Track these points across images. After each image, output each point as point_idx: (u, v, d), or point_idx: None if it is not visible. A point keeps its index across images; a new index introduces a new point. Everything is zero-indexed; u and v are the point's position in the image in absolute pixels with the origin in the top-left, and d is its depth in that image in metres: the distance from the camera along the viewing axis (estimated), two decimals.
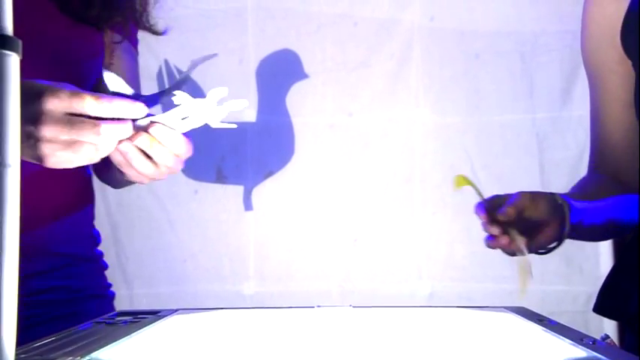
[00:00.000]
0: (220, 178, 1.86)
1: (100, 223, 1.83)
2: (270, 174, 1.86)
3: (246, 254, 1.86)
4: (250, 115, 1.86)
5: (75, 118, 0.60)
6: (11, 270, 0.42)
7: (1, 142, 0.45)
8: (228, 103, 0.66)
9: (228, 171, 1.86)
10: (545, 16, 1.83)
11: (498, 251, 1.90)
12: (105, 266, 0.99)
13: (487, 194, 1.54)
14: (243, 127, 1.85)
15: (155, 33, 0.90)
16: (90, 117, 0.61)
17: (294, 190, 1.87)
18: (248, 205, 1.86)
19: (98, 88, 0.84)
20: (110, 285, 1.00)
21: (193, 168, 1.86)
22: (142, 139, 0.64)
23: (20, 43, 0.47)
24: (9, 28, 0.46)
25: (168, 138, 0.65)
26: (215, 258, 1.86)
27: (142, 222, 1.85)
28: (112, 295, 0.98)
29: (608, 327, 1.68)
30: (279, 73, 1.87)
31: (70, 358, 0.49)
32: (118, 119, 0.62)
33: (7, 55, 0.45)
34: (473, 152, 1.86)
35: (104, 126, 0.61)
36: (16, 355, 0.42)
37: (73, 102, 0.60)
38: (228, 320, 0.68)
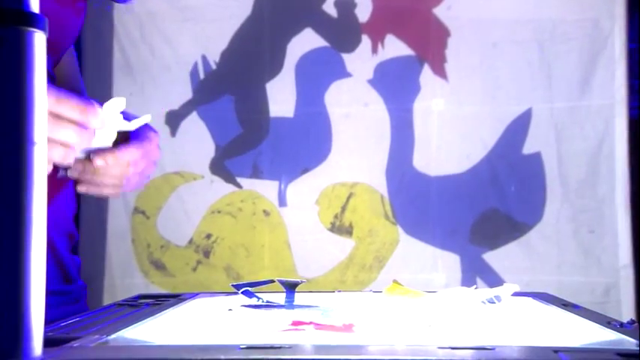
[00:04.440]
0: (256, 173, 1.86)
1: (118, 213, 1.86)
2: (305, 170, 1.86)
3: (261, 244, 1.86)
4: (288, 110, 1.86)
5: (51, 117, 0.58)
6: (39, 246, 0.43)
7: (28, 120, 0.45)
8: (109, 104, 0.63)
9: (264, 166, 1.86)
10: (564, 4, 1.81)
11: (515, 243, 1.90)
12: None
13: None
14: (280, 122, 1.85)
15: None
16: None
17: (308, 179, 1.86)
18: (282, 201, 1.85)
19: None
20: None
21: (231, 162, 1.87)
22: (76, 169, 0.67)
23: (47, 20, 0.47)
24: (35, 6, 0.46)
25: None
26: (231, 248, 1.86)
27: (167, 219, 1.86)
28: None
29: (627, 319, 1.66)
30: (320, 70, 1.86)
31: (97, 336, 0.50)
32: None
33: (34, 32, 0.45)
34: (489, 142, 1.84)
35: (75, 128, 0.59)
36: (45, 333, 0.42)
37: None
38: (250, 303, 0.68)
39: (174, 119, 1.87)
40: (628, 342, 0.50)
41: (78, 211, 1.93)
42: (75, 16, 0.80)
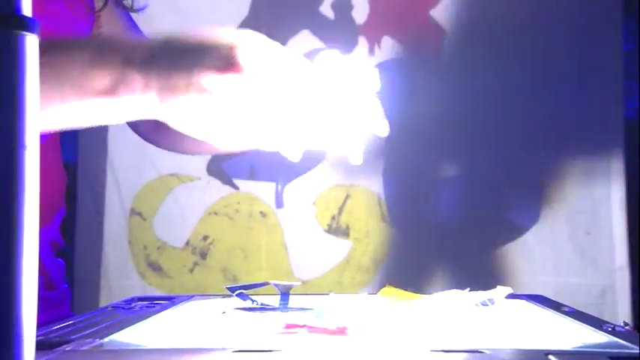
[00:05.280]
0: (253, 174, 1.86)
1: (114, 214, 1.85)
2: (303, 172, 1.86)
3: (257, 246, 1.86)
4: None
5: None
6: (30, 249, 0.43)
7: (20, 124, 0.44)
8: None
9: (261, 168, 1.86)
10: (560, 6, 1.82)
11: (511, 245, 1.89)
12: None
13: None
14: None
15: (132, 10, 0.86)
16: None
17: (305, 181, 1.86)
18: (279, 203, 1.85)
19: None
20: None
21: (228, 164, 1.87)
22: None
23: (39, 24, 0.46)
24: (27, 9, 0.46)
25: None
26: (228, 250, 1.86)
27: (163, 220, 1.86)
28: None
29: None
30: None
31: (89, 339, 0.50)
32: None
33: (25, 36, 0.45)
34: (487, 144, 1.84)
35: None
36: (37, 336, 0.42)
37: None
38: (244, 305, 0.68)
39: None
40: (620, 345, 0.51)
41: (74, 213, 1.93)
42: (86, 27, 0.81)
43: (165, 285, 1.84)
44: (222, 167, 1.88)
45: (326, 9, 1.88)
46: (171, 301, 0.72)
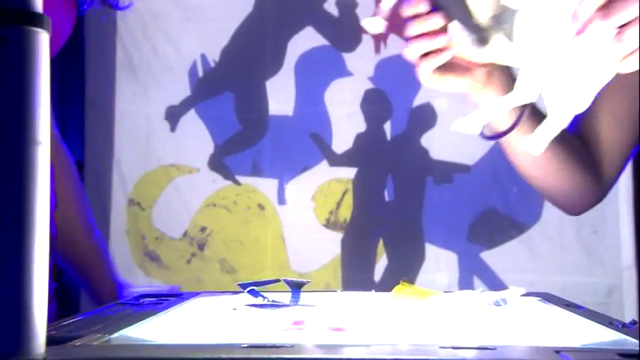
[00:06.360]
0: (255, 170, 1.86)
1: (120, 211, 1.86)
2: (305, 168, 1.86)
3: (255, 238, 1.86)
4: (288, 108, 1.86)
5: None
6: (42, 244, 0.43)
7: (33, 120, 0.45)
8: None
9: (264, 164, 1.86)
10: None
11: (516, 243, 1.89)
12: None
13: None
14: (280, 120, 1.85)
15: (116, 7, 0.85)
16: None
17: (307, 177, 1.86)
18: (282, 199, 1.86)
19: None
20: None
21: (230, 159, 1.87)
22: None
23: (50, 20, 0.47)
24: (39, 6, 0.46)
25: None
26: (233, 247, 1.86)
27: (162, 211, 1.87)
28: None
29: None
30: (320, 69, 1.86)
31: (99, 334, 0.50)
32: None
33: (37, 32, 0.45)
34: (491, 142, 1.84)
35: None
36: (47, 331, 0.42)
37: None
38: (251, 301, 0.68)
39: (173, 117, 1.88)
40: (629, 342, 0.50)
41: None
42: (68, 25, 0.81)
43: (163, 275, 1.84)
44: (225, 163, 1.88)
45: (330, 6, 1.88)
46: (179, 297, 0.72)
